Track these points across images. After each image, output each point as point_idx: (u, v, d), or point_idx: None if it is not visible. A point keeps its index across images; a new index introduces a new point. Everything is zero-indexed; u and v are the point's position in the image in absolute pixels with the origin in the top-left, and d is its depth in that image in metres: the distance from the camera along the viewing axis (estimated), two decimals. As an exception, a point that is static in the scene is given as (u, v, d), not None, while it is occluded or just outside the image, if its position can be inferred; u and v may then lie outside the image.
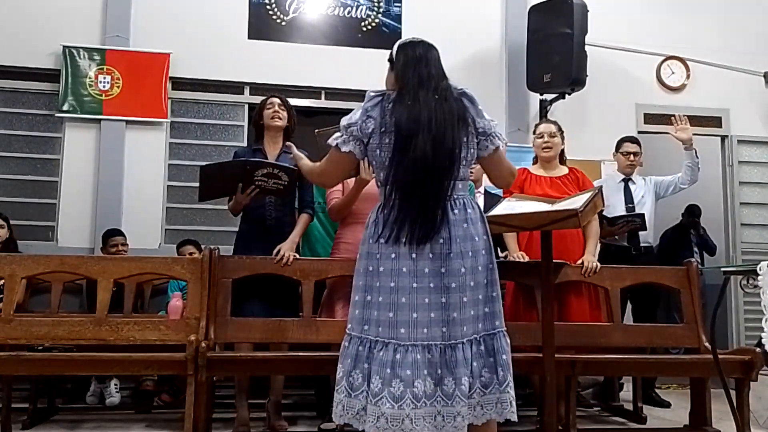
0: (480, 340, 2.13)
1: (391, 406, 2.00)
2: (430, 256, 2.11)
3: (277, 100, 3.51)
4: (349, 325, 2.18)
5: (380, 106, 2.17)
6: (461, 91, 2.22)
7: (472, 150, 2.21)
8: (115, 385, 4.06)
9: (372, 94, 2.21)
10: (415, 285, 2.09)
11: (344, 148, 2.22)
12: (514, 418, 2.14)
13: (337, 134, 2.25)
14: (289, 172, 3.27)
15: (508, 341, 2.19)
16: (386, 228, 2.14)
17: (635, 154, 4.39)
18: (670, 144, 4.54)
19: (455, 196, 2.17)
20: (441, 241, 2.11)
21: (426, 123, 2.10)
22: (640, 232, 4.26)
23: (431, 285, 2.10)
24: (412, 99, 2.14)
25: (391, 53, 2.29)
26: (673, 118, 4.38)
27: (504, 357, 2.15)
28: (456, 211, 2.15)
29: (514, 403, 2.14)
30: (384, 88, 2.27)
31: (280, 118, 3.48)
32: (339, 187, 3.41)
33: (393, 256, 2.12)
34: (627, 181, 4.41)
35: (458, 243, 2.13)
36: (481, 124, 2.20)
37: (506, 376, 2.13)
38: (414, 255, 2.10)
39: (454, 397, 2.05)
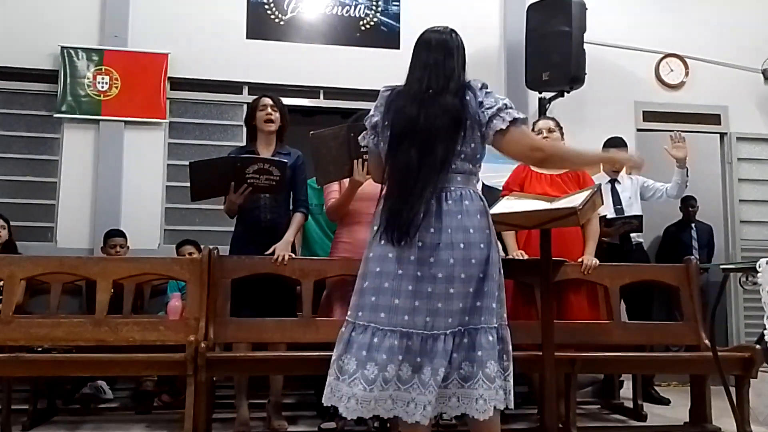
0: (464, 332, 2.09)
1: (363, 389, 2.00)
2: (419, 244, 2.09)
3: (269, 101, 3.45)
4: (349, 312, 2.18)
5: (386, 101, 2.22)
6: (467, 83, 2.21)
7: (473, 145, 2.17)
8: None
9: (382, 89, 2.27)
10: (400, 272, 2.09)
11: (363, 143, 2.37)
12: (505, 406, 2.09)
13: (365, 132, 2.35)
14: (279, 165, 3.25)
15: (503, 335, 2.14)
16: (377, 219, 2.18)
17: None
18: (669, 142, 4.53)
19: (452, 188, 2.14)
20: (432, 230, 2.09)
21: (414, 121, 2.13)
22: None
23: (418, 273, 2.08)
24: (409, 93, 2.19)
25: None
26: (670, 135, 4.33)
27: (506, 347, 2.13)
28: (450, 202, 2.12)
29: (509, 396, 2.11)
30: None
31: (273, 121, 3.43)
32: (336, 187, 3.41)
33: (382, 242, 2.13)
34: (613, 182, 4.41)
35: (449, 233, 2.10)
36: (482, 116, 2.15)
37: (508, 366, 2.12)
38: (402, 243, 2.10)
39: (429, 386, 2.03)
